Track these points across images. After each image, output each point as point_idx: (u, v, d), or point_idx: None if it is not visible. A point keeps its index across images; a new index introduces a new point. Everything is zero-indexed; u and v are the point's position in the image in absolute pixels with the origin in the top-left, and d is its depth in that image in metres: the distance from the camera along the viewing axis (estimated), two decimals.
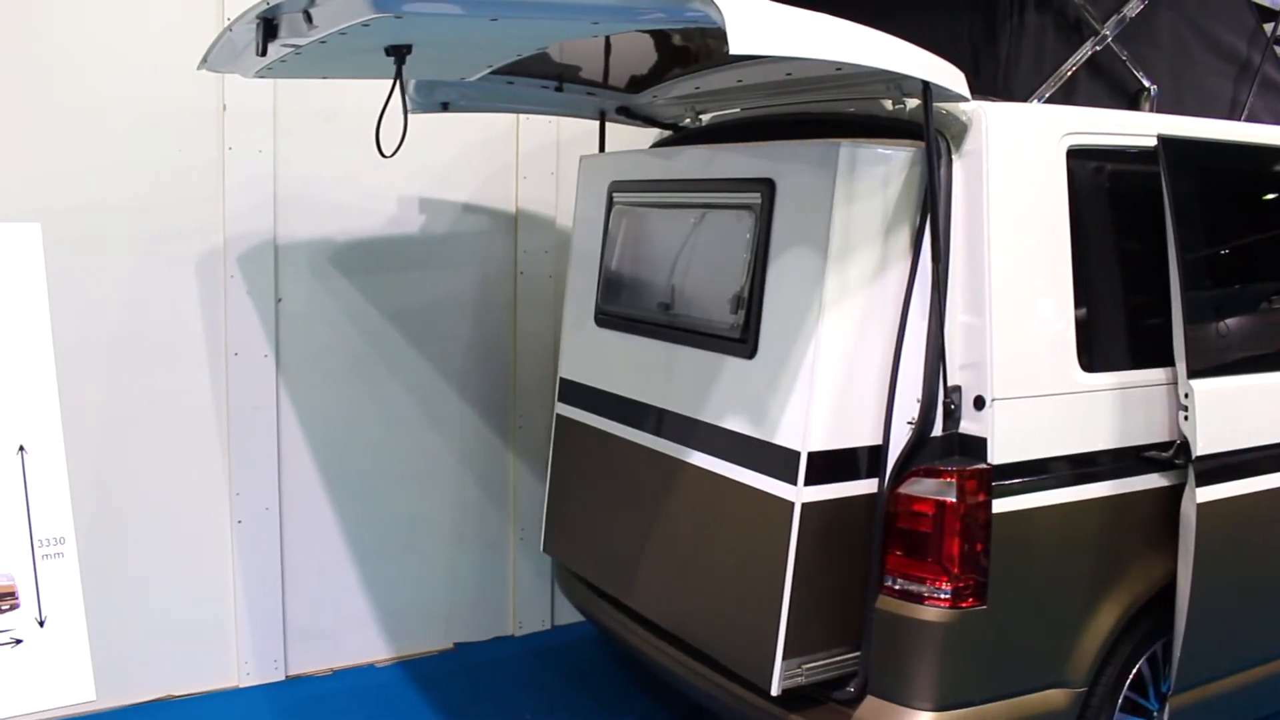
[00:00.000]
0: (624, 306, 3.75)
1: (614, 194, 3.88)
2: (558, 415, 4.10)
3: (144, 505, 4.11)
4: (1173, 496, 3.12)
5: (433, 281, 4.55)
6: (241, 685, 4.34)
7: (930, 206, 2.85)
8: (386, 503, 4.56)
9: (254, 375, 4.21)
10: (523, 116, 4.64)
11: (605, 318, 3.84)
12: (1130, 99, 3.49)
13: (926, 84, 2.73)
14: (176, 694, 4.23)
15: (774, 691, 2.93)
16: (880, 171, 2.91)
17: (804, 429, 2.89)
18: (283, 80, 4.12)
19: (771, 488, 2.98)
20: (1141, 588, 3.15)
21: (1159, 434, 3.13)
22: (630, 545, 3.59)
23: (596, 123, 4.32)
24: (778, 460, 2.96)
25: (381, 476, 4.54)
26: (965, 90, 2.80)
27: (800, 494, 2.89)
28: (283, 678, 4.41)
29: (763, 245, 3.08)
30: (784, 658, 2.92)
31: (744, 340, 3.12)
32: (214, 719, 4.12)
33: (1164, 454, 3.11)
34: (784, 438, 2.96)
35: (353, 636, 4.57)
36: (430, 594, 4.70)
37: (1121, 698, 3.19)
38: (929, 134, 2.78)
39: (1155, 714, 3.29)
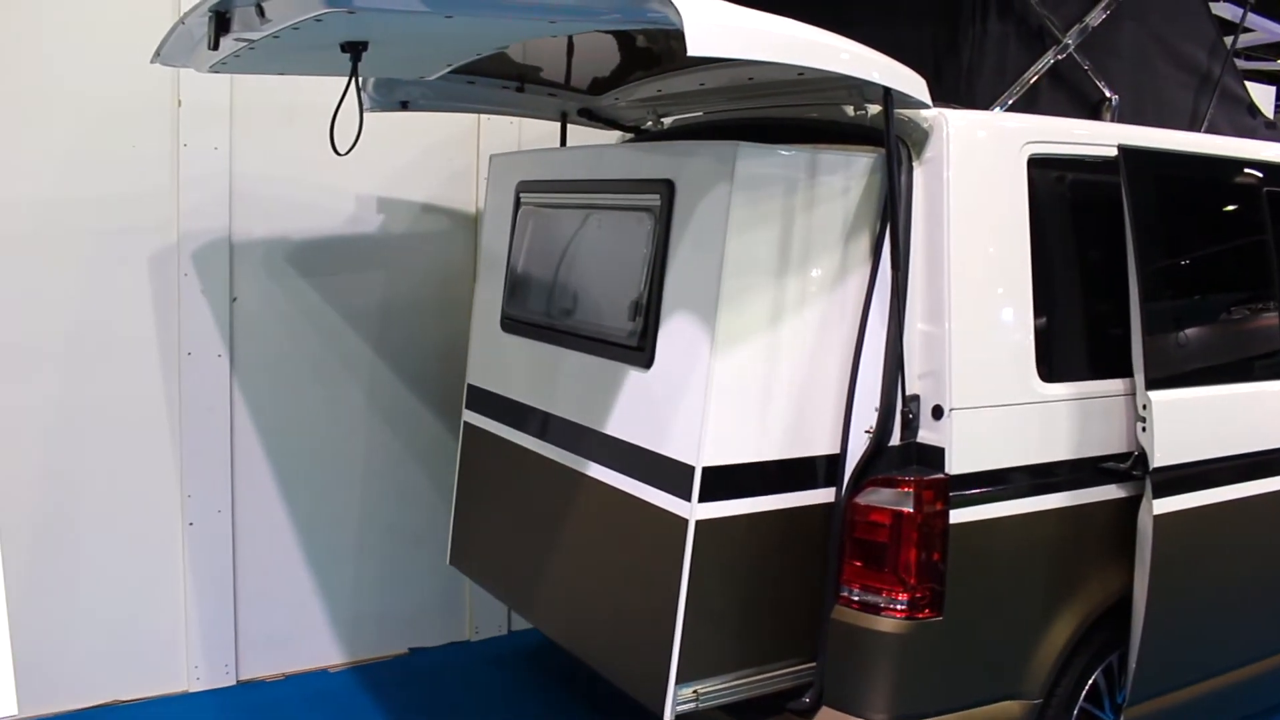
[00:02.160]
0: (528, 311, 3.64)
1: (521, 194, 3.79)
2: (465, 423, 4.01)
3: (93, 506, 4.02)
4: (1131, 508, 3.12)
5: (391, 282, 4.49)
6: (191, 690, 4.26)
7: (890, 213, 2.83)
8: (341, 505, 4.49)
9: (207, 375, 4.14)
10: (484, 117, 4.58)
11: (510, 322, 3.74)
12: (1092, 109, 3.49)
13: (887, 90, 2.71)
14: (123, 699, 4.14)
15: (666, 717, 2.82)
16: (835, 178, 2.88)
17: (698, 443, 2.77)
18: (240, 76, 4.05)
19: (666, 503, 2.87)
20: (1099, 599, 3.14)
21: (1117, 445, 3.13)
22: (531, 560, 3.51)
23: (558, 125, 4.28)
24: (672, 475, 2.86)
25: (336, 479, 4.47)
26: (926, 97, 2.78)
27: (694, 511, 2.77)
28: (234, 683, 4.33)
29: (661, 249, 2.96)
30: (677, 682, 2.80)
31: (641, 349, 3.00)
32: None
33: (1122, 465, 3.10)
34: (678, 451, 2.85)
35: (306, 641, 4.49)
36: (385, 598, 4.63)
37: (1077, 709, 3.18)
38: (889, 140, 2.76)
39: None
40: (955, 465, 2.84)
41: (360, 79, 3.83)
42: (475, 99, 4.06)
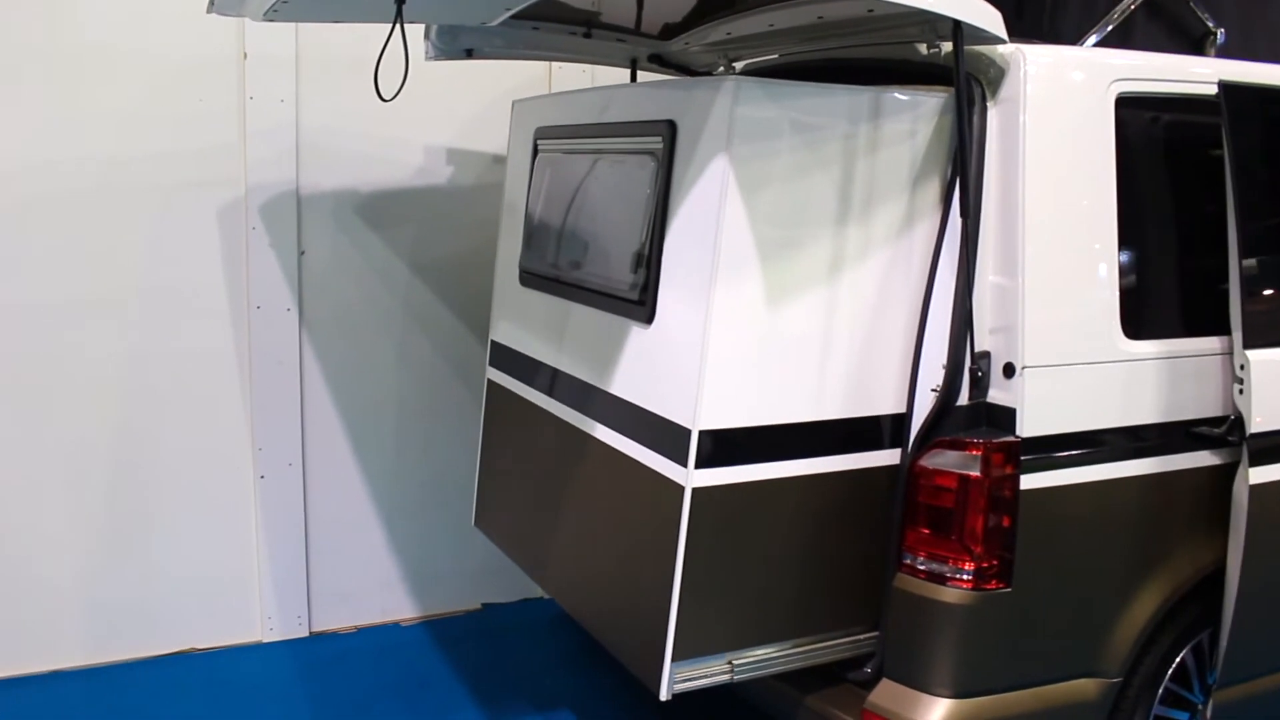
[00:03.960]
0: (542, 264, 3.49)
1: (538, 140, 3.63)
2: (488, 381, 3.90)
3: (167, 460, 4.09)
4: (1224, 476, 2.89)
5: (459, 234, 4.44)
6: (265, 640, 4.33)
7: (959, 157, 2.63)
8: (412, 460, 4.49)
9: (276, 329, 4.15)
10: (555, 65, 4.48)
11: (526, 276, 3.61)
12: (1194, 43, 3.21)
13: (957, 23, 2.51)
14: (199, 647, 4.23)
15: (663, 696, 2.66)
16: (898, 120, 2.70)
17: (694, 404, 2.59)
18: (305, 28, 4.02)
19: (664, 468, 2.70)
20: (1187, 573, 2.92)
21: (1211, 408, 2.89)
22: (543, 523, 3.40)
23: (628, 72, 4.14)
24: (670, 438, 2.67)
25: (406, 433, 4.46)
26: (1001, 31, 2.57)
27: (690, 477, 2.59)
28: (306, 634, 4.39)
29: (663, 196, 2.76)
30: (674, 660, 2.65)
31: (642, 303, 2.82)
32: (235, 672, 4.11)
33: (1216, 430, 2.87)
34: (675, 413, 2.67)
35: (378, 595, 4.52)
36: (457, 553, 4.63)
37: (1162, 689, 2.98)
38: (959, 78, 2.56)
39: (1200, 708, 3.07)
40: (1027, 427, 2.65)
41: (425, 27, 3.80)
42: (542, 46, 3.94)
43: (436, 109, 4.29)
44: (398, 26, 2.88)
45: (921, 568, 2.75)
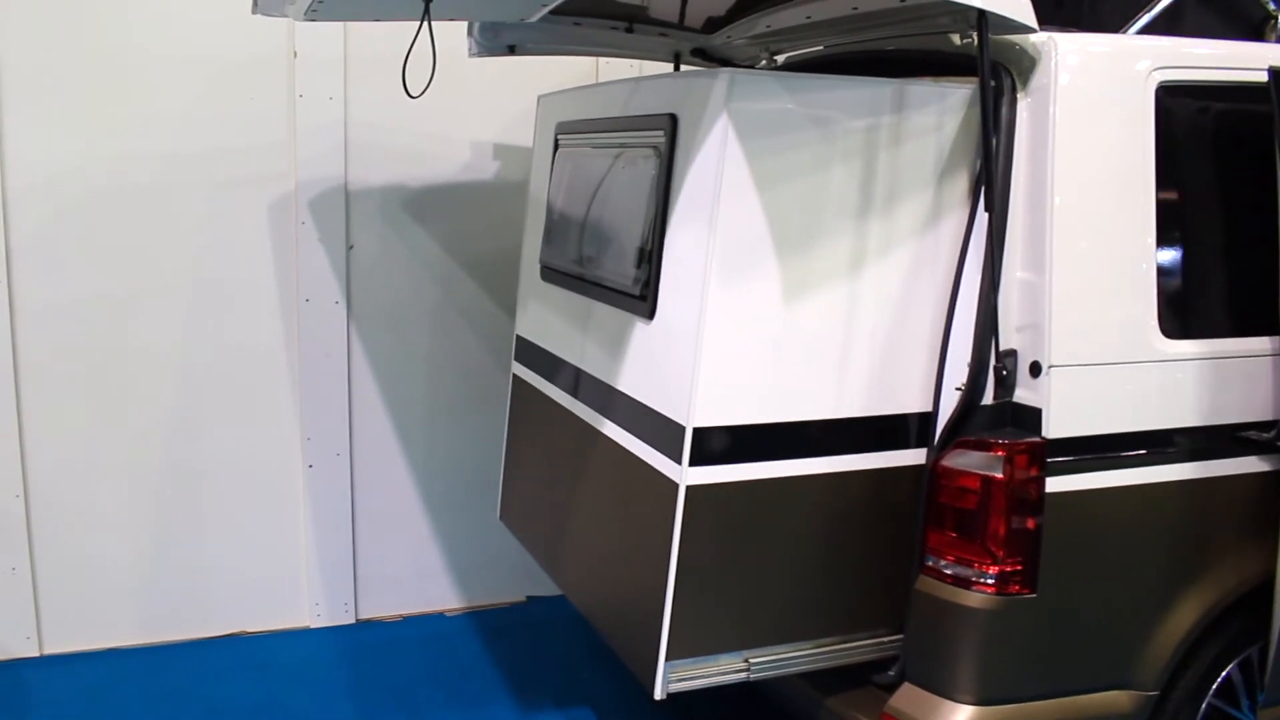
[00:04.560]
0: (560, 259, 3.48)
1: (559, 136, 3.62)
2: (513, 375, 3.90)
3: (218, 448, 4.19)
4: (1274, 483, 2.76)
5: (504, 229, 4.46)
6: (312, 626, 4.41)
7: (984, 150, 2.55)
8: (458, 451, 4.53)
9: (325, 321, 4.23)
10: (602, 60, 4.48)
11: (546, 271, 3.60)
12: (1253, 29, 3.06)
13: (981, 13, 2.43)
14: (249, 630, 4.33)
15: (657, 695, 2.62)
16: (933, 111, 2.63)
17: (688, 401, 2.55)
18: (353, 28, 4.08)
19: (662, 466, 2.66)
20: (1232, 583, 2.79)
21: (1260, 412, 2.76)
22: (557, 519, 3.39)
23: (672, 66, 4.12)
24: (667, 435, 2.64)
25: (452, 424, 4.50)
26: (1031, 19, 2.48)
27: (685, 475, 2.55)
28: (353, 621, 4.46)
29: (664, 190, 2.73)
30: (668, 659, 2.61)
31: (644, 298, 2.80)
32: (283, 656, 4.20)
33: (1264, 435, 2.74)
34: (672, 409, 2.63)
35: (423, 584, 4.58)
36: (502, 545, 4.62)
37: (1206, 705, 2.86)
38: (983, 68, 2.48)
39: None
40: (1054, 428, 2.56)
41: (468, 24, 3.83)
42: (585, 41, 3.94)
43: (482, 105, 4.31)
44: (425, 24, 2.91)
45: (945, 570, 2.68)
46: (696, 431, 2.54)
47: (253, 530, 4.28)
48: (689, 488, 2.56)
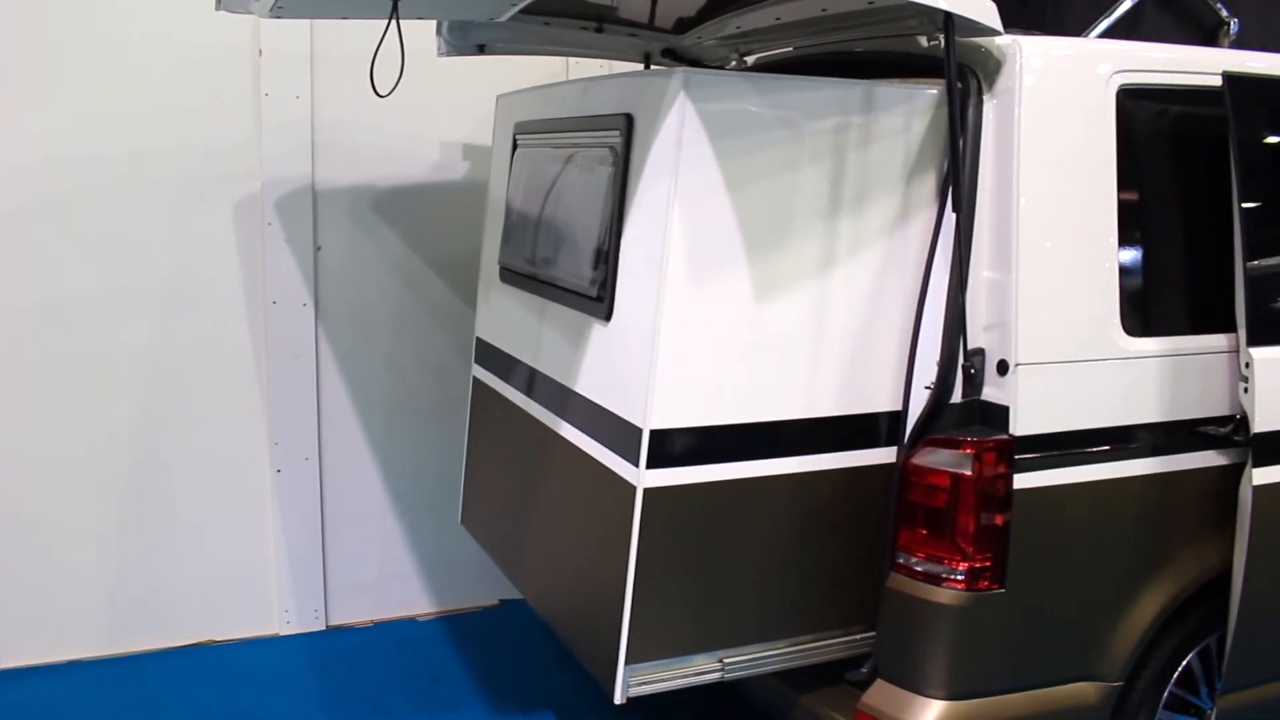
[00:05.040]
0: (518, 260, 3.49)
1: (518, 135, 3.62)
2: (474, 378, 3.90)
3: (184, 452, 4.15)
4: (1231, 476, 2.81)
5: (476, 229, 4.42)
6: (282, 633, 4.38)
7: (950, 151, 2.59)
8: (428, 454, 4.52)
9: (293, 324, 4.20)
10: (572, 60, 4.48)
11: (506, 273, 3.60)
12: (1207, 34, 3.14)
13: (948, 15, 2.47)
14: (217, 639, 4.30)
15: (617, 699, 2.62)
16: (900, 112, 2.67)
17: (645, 403, 2.54)
18: (320, 25, 4.06)
19: (619, 468, 2.66)
20: (1192, 575, 2.86)
21: (1217, 407, 2.82)
22: (517, 522, 3.40)
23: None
24: (624, 437, 2.64)
25: (422, 427, 4.49)
26: (995, 22, 2.53)
27: (641, 477, 2.55)
28: (323, 627, 4.44)
29: (620, 191, 2.73)
30: (627, 663, 2.61)
31: (601, 299, 2.80)
32: (252, 665, 4.16)
33: (1221, 429, 2.80)
34: (629, 411, 2.63)
35: (395, 589, 4.56)
36: (473, 548, 4.58)
37: (1167, 694, 2.92)
38: (949, 70, 2.51)
39: (1209, 713, 3.00)
40: (1021, 425, 2.60)
41: (437, 23, 3.82)
42: (554, 41, 3.94)
43: (451, 105, 4.31)
44: (393, 23, 2.91)
45: (915, 567, 2.72)
46: (654, 434, 2.54)
47: (220, 536, 4.25)
48: (647, 490, 2.56)
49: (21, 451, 3.95)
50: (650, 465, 2.55)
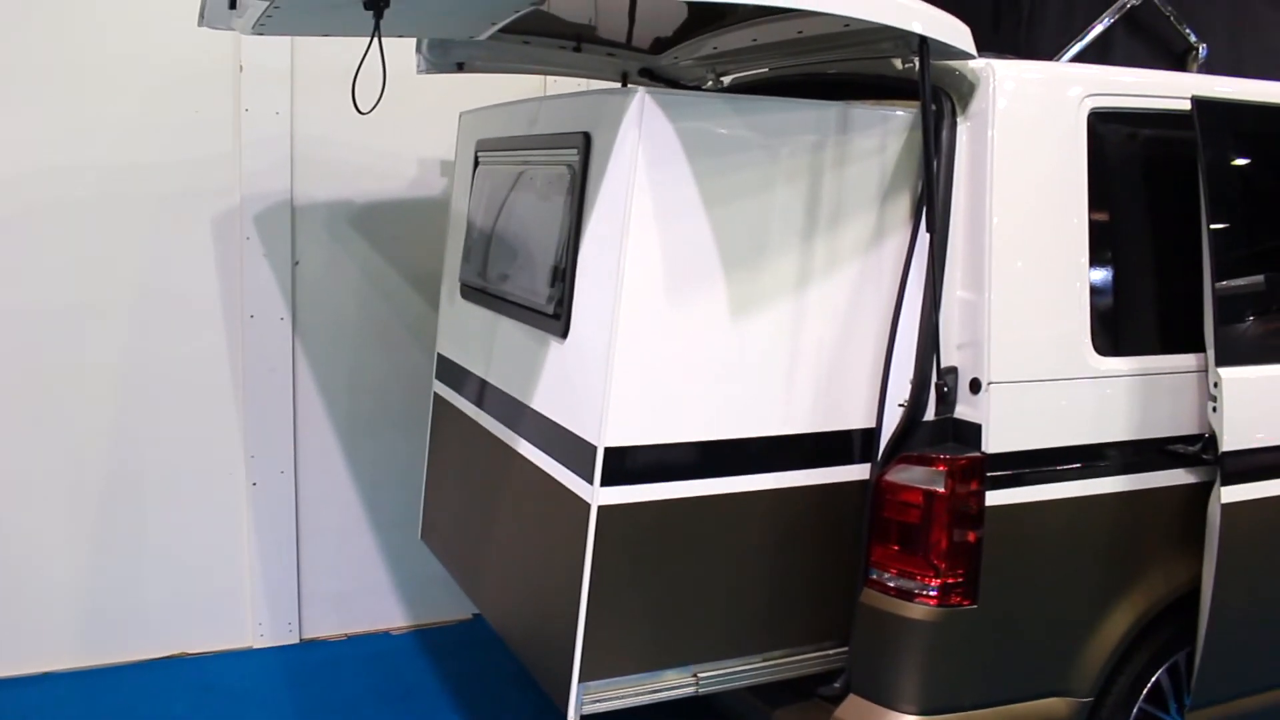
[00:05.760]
0: (477, 277, 3.50)
1: (479, 153, 3.64)
2: (434, 393, 3.91)
3: (160, 465, 4.14)
4: (1200, 494, 2.86)
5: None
6: (255, 646, 4.36)
7: (925, 172, 2.63)
8: (403, 468, 4.50)
9: (270, 338, 4.20)
10: (550, 79, 4.51)
11: (466, 289, 3.62)
12: (1176, 59, 3.19)
13: (923, 39, 2.51)
14: (190, 651, 4.27)
15: (571, 717, 2.62)
16: (876, 133, 2.71)
17: (599, 421, 2.53)
18: (300, 42, 4.07)
19: (574, 485, 2.66)
20: (1160, 592, 2.89)
21: (1186, 426, 2.87)
22: (475, 539, 3.40)
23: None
24: (579, 454, 2.64)
25: (399, 442, 4.49)
26: (970, 46, 2.58)
27: (595, 495, 2.54)
28: (297, 640, 4.42)
29: (577, 209, 2.73)
30: (581, 680, 2.60)
31: (558, 317, 2.80)
32: (226, 678, 4.14)
33: (1190, 448, 2.85)
34: (584, 429, 2.63)
35: (368, 603, 4.55)
36: None
37: (1136, 710, 2.95)
38: (924, 93, 2.56)
39: None
40: (993, 443, 2.64)
41: (417, 41, 3.84)
42: (533, 60, 3.97)
43: (429, 122, 4.33)
44: (375, 41, 2.92)
45: (888, 583, 2.74)
46: (608, 451, 2.54)
47: (195, 549, 4.23)
48: (601, 508, 2.56)
49: None
50: (605, 483, 2.55)
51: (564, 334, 2.79)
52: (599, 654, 2.62)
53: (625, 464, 2.55)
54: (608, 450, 2.53)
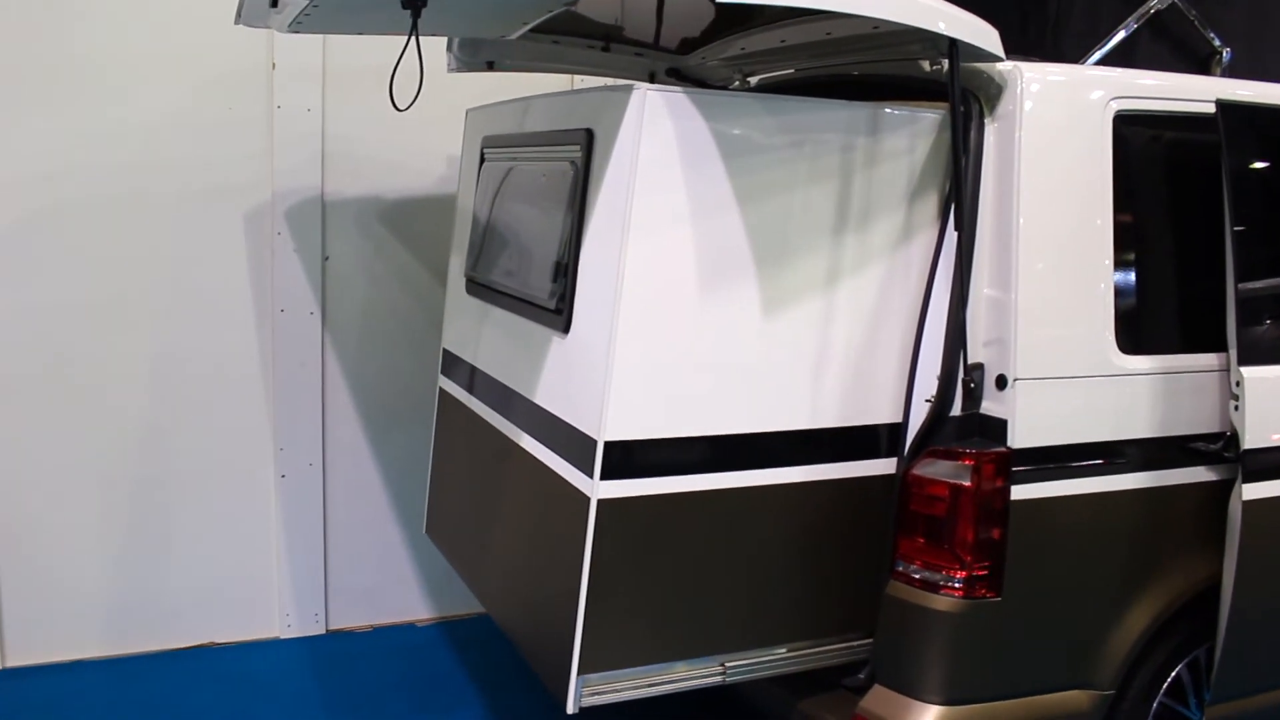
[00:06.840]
0: (483, 273, 3.53)
1: (484, 149, 3.68)
2: (439, 388, 3.96)
3: (190, 458, 4.20)
4: (1221, 492, 2.89)
5: None
6: (282, 636, 4.42)
7: (953, 172, 2.68)
8: (430, 462, 4.56)
9: (300, 332, 4.26)
10: (578, 78, 4.56)
11: (471, 285, 3.65)
12: (1200, 63, 3.24)
13: (953, 41, 2.56)
14: (218, 641, 4.34)
15: (570, 709, 2.64)
16: (904, 134, 2.76)
17: (600, 415, 2.56)
18: (332, 40, 4.13)
19: (574, 479, 2.68)
20: (1181, 587, 2.93)
21: (1208, 424, 2.91)
22: (478, 533, 3.44)
23: None
24: (579, 448, 2.66)
25: (426, 436, 4.51)
26: (998, 49, 2.62)
27: (595, 488, 2.56)
28: (323, 631, 4.48)
29: (580, 205, 2.76)
30: (580, 673, 2.62)
31: (560, 312, 2.83)
32: (252, 667, 4.20)
33: (1212, 446, 2.89)
34: (585, 423, 2.65)
35: (395, 595, 4.61)
36: None
37: (1157, 704, 2.99)
38: (953, 94, 2.60)
39: None
40: (1019, 439, 2.68)
41: (448, 40, 3.90)
42: (562, 59, 4.02)
43: (458, 119, 4.37)
44: (413, 39, 2.98)
45: (914, 575, 2.78)
46: (608, 445, 2.56)
47: (223, 540, 4.29)
48: (601, 501, 2.58)
49: (31, 454, 4.00)
50: (605, 477, 2.57)
51: (566, 329, 2.82)
52: (599, 647, 2.64)
53: (625, 458, 2.58)
54: (608, 444, 2.56)
